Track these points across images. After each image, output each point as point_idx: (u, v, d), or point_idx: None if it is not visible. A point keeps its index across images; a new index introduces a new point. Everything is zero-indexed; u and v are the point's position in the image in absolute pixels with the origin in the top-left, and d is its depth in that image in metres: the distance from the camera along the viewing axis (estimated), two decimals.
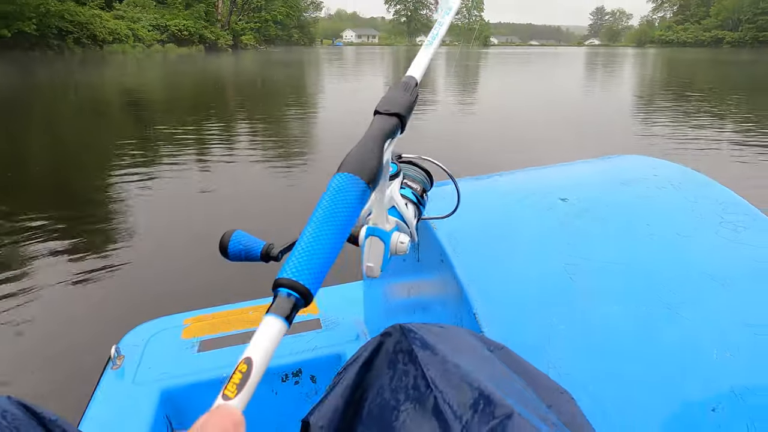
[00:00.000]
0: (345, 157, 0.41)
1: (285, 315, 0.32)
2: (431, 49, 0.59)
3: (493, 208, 0.93)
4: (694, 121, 8.20)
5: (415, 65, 0.56)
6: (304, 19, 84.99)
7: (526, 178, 1.06)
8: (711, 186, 0.98)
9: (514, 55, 46.75)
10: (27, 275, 2.81)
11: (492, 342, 0.54)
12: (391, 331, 0.50)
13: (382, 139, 0.44)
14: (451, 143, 6.63)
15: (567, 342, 0.68)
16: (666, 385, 0.65)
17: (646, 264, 0.79)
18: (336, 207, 0.37)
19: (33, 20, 28.25)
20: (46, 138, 7.20)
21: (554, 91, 14.71)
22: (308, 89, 15.11)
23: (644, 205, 0.92)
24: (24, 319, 2.38)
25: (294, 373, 1.24)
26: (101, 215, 3.96)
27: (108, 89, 13.91)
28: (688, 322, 0.71)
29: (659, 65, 29.61)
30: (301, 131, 7.88)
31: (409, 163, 0.61)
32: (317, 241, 0.35)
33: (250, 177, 5.05)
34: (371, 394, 0.47)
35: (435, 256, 0.84)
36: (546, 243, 0.83)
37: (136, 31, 37.08)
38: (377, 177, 0.41)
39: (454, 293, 0.77)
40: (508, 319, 0.71)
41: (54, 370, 1.99)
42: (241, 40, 51.78)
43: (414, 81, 0.52)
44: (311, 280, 0.34)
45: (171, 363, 1.23)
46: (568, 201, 0.91)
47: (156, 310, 1.51)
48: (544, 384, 0.49)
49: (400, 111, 0.47)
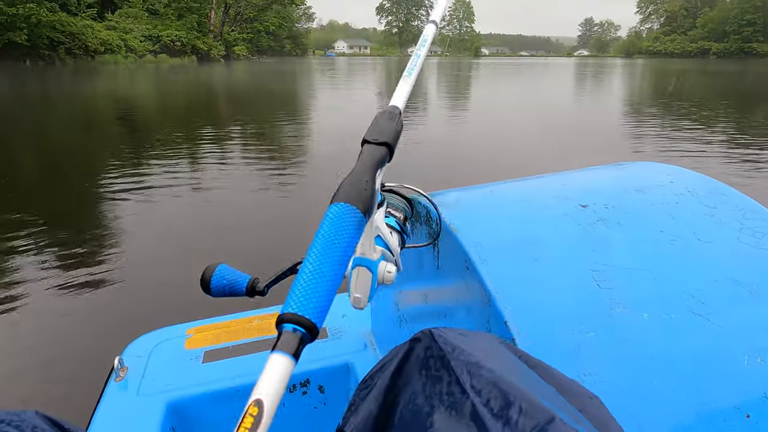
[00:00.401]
0: (339, 186, 0.41)
1: (292, 352, 0.32)
2: (411, 80, 0.61)
3: (514, 215, 0.93)
4: (688, 132, 8.30)
5: (397, 95, 0.57)
6: (296, 30, 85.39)
7: (540, 185, 1.06)
8: (728, 192, 0.98)
9: (505, 66, 47.20)
10: (15, 284, 2.77)
11: (516, 348, 0.54)
12: (420, 337, 0.50)
13: (374, 168, 0.44)
14: (452, 151, 6.66)
15: (598, 350, 0.68)
16: (698, 392, 0.65)
17: (671, 270, 0.79)
18: (335, 237, 0.37)
19: (24, 30, 28.15)
20: (36, 148, 7.15)
21: (548, 100, 14.84)
22: (302, 100, 15.14)
23: (663, 211, 0.92)
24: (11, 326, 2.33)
25: (302, 384, 1.22)
26: (91, 226, 3.93)
27: (100, 100, 13.85)
28: (717, 329, 0.70)
29: (649, 75, 30.02)
30: (296, 141, 7.88)
31: (391, 192, 0.61)
32: (319, 274, 0.35)
33: (244, 187, 5.03)
34: (403, 400, 0.47)
35: (459, 263, 0.83)
36: (571, 250, 0.82)
37: (129, 41, 37.03)
38: (372, 206, 0.41)
39: (481, 300, 0.76)
40: (539, 327, 0.70)
41: (47, 390, 1.95)
42: (234, 51, 51.85)
43: (398, 110, 0.53)
44: (316, 314, 0.34)
45: (176, 374, 1.21)
46: (588, 208, 0.91)
47: (151, 323, 1.48)
48: (574, 390, 0.49)
49: (388, 140, 0.48)
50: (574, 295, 0.75)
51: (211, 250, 3.34)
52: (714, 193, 0.98)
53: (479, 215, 0.92)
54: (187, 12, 44.66)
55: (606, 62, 63.80)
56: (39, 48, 29.86)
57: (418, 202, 0.97)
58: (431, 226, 0.94)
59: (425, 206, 0.95)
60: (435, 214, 0.91)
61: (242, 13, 55.02)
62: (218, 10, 50.06)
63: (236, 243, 3.45)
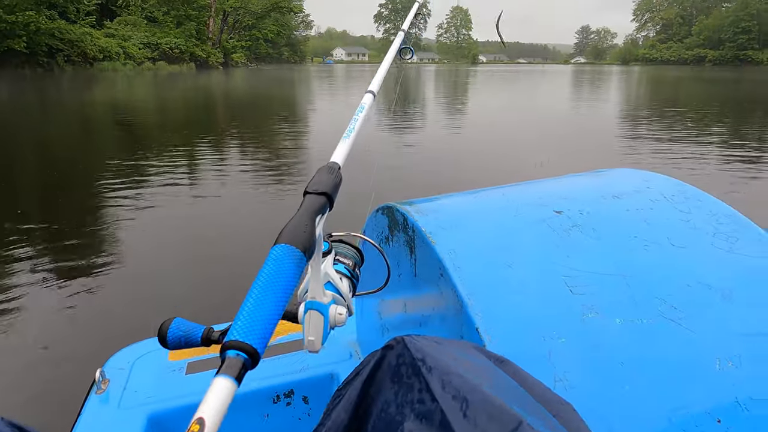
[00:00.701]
0: (281, 231, 0.45)
1: (235, 375, 0.33)
2: (349, 140, 0.66)
3: (489, 221, 0.94)
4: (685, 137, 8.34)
5: (337, 153, 0.62)
6: (294, 37, 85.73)
7: (518, 192, 1.06)
8: (703, 198, 0.99)
9: (503, 73, 47.45)
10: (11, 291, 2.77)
11: (494, 355, 0.54)
12: (392, 344, 0.51)
13: (314, 215, 0.48)
14: (445, 157, 6.70)
15: (569, 355, 0.68)
16: (670, 397, 0.64)
17: (644, 275, 0.79)
18: (277, 273, 0.40)
19: (23, 38, 28.22)
20: (35, 154, 7.16)
21: (546, 108, 14.90)
22: (302, 106, 15.19)
23: (638, 217, 0.92)
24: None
25: (285, 394, 1.21)
26: (89, 233, 3.93)
27: (99, 106, 13.87)
28: (689, 333, 0.71)
29: (646, 82, 30.18)
30: (295, 147, 7.89)
31: (340, 242, 0.65)
32: (261, 305, 0.38)
33: (239, 193, 5.04)
34: (375, 410, 0.47)
35: (434, 271, 0.84)
36: (544, 255, 0.82)
37: (127, 48, 37.11)
38: (311, 248, 0.45)
39: (455, 307, 0.77)
40: (510, 333, 0.71)
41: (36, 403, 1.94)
42: (232, 58, 52.00)
43: (337, 165, 0.58)
44: (258, 341, 0.36)
45: (158, 386, 1.19)
46: (562, 214, 0.92)
47: (142, 332, 1.45)
48: (547, 397, 0.49)
49: (328, 190, 0.52)
50: (546, 300, 0.75)
51: (210, 257, 3.34)
52: (690, 199, 0.98)
53: (456, 223, 0.92)
54: (185, 20, 44.83)
55: (603, 69, 64.14)
56: (38, 55, 29.90)
57: (396, 210, 0.99)
58: (408, 233, 0.94)
59: (402, 213, 0.96)
60: (411, 220, 0.92)
61: (241, 20, 55.23)
62: (217, 17, 50.26)
63: (233, 251, 3.46)
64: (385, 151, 7.07)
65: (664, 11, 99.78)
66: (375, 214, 1.13)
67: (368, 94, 0.81)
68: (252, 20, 56.57)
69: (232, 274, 2.92)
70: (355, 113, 0.73)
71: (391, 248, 1.04)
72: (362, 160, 0.81)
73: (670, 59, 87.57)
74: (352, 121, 0.70)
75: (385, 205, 1.07)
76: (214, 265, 3.17)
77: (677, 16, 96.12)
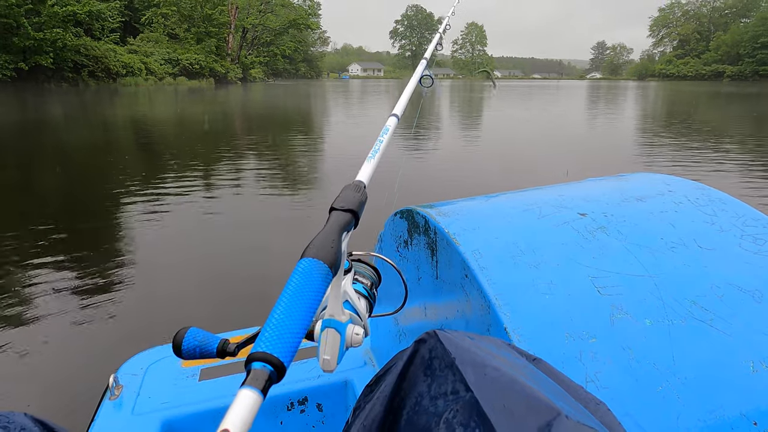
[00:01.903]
0: (307, 245, 0.45)
1: (261, 387, 0.33)
2: (374, 160, 0.68)
3: (512, 223, 0.92)
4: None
5: (362, 172, 0.64)
6: (311, 53, 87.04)
7: (539, 195, 1.05)
8: (728, 200, 0.98)
9: (517, 88, 47.51)
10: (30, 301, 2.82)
11: (526, 353, 0.53)
12: (425, 338, 0.50)
13: (340, 231, 0.48)
14: (464, 165, 6.79)
15: (600, 355, 0.67)
16: (704, 400, 0.63)
17: (672, 277, 0.78)
18: (304, 287, 0.40)
19: (50, 54, 29.21)
20: (61, 165, 7.41)
21: (563, 123, 14.94)
22: (322, 120, 15.42)
23: (663, 219, 0.91)
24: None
25: (300, 401, 1.20)
26: (109, 241, 4.04)
27: (123, 120, 14.23)
28: (721, 335, 0.70)
29: (669, 98, 29.96)
30: (315, 160, 8.00)
31: (359, 261, 0.66)
32: (288, 317, 0.38)
33: (263, 207, 5.14)
34: (409, 403, 0.47)
35: (458, 272, 0.83)
36: (570, 257, 0.82)
37: (149, 64, 38.10)
38: (337, 263, 0.45)
39: (481, 308, 0.76)
40: (539, 332, 0.70)
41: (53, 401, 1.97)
42: (250, 74, 53.01)
43: (363, 184, 0.59)
44: (284, 354, 0.36)
45: (171, 392, 1.18)
46: (587, 216, 0.91)
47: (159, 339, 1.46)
48: (582, 395, 0.48)
49: (354, 207, 0.53)
50: (575, 301, 0.74)
51: (231, 273, 3.39)
52: (714, 201, 0.97)
53: (478, 224, 0.91)
54: (206, 36, 45.92)
55: (619, 84, 63.82)
56: (63, 71, 30.89)
57: (416, 213, 0.99)
58: (429, 235, 0.94)
59: (423, 216, 0.96)
60: (433, 222, 0.92)
61: (259, 37, 56.35)
62: (236, 34, 51.35)
63: (257, 265, 3.54)
64: (406, 163, 7.19)
65: (681, 27, 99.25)
66: (393, 218, 1.12)
67: (392, 117, 0.83)
68: (270, 37, 57.67)
69: (252, 283, 3.02)
70: (380, 134, 0.76)
71: (411, 252, 1.04)
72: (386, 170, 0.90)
73: (687, 74, 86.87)
74: (377, 143, 0.73)
75: (405, 209, 1.06)
76: (242, 278, 3.28)
77: (694, 31, 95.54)
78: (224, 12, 48.16)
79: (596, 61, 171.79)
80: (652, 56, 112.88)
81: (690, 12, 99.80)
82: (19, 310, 2.67)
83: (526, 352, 0.53)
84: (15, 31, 27.60)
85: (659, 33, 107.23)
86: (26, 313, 2.65)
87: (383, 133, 0.76)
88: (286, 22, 55.18)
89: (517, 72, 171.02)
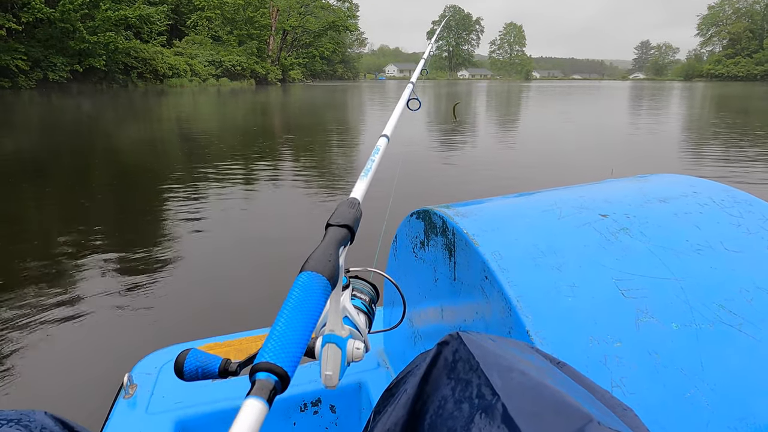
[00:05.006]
0: (307, 259, 0.46)
1: (266, 397, 0.34)
2: (368, 179, 0.69)
3: (532, 224, 0.90)
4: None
5: (356, 190, 0.66)
6: (348, 54, 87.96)
7: (559, 195, 1.03)
8: (754, 202, 0.95)
9: (555, 89, 46.55)
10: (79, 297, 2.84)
11: (551, 356, 0.52)
12: (448, 340, 0.50)
13: (337, 246, 0.50)
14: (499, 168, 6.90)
15: (625, 359, 0.65)
16: (735, 406, 0.62)
17: (699, 280, 0.76)
18: (305, 299, 0.41)
19: (103, 57, 30.78)
20: (112, 162, 7.85)
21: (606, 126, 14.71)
22: (364, 120, 15.62)
23: (688, 221, 0.89)
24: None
25: (313, 403, 1.21)
26: (148, 244, 4.13)
27: (169, 120, 14.78)
28: (751, 340, 0.68)
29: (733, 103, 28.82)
30: (355, 163, 8.17)
31: (356, 277, 0.68)
32: (291, 328, 0.38)
33: (306, 210, 5.30)
34: (432, 406, 0.46)
35: (477, 274, 0.82)
36: (593, 258, 0.80)
37: (194, 66, 39.56)
38: (335, 276, 0.46)
39: (501, 310, 0.75)
40: (563, 336, 0.68)
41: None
42: (290, 75, 54.14)
43: (357, 201, 0.61)
44: (288, 363, 0.36)
45: (185, 392, 1.19)
46: (608, 217, 0.89)
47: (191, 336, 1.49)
48: (609, 400, 0.47)
49: (349, 223, 0.54)
50: (598, 304, 0.72)
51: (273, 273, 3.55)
52: (740, 203, 0.95)
53: (497, 225, 0.90)
54: (247, 38, 47.31)
55: (664, 85, 61.53)
56: (114, 72, 32.51)
57: (434, 213, 0.99)
58: (447, 236, 0.93)
59: (441, 216, 0.96)
60: (451, 223, 0.91)
61: (299, 39, 57.47)
62: (277, 36, 52.56)
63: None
64: (433, 163, 7.30)
65: (732, 25, 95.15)
66: (409, 219, 1.11)
67: (383, 138, 0.85)
68: (309, 39, 58.71)
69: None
70: (372, 155, 0.76)
71: (428, 253, 1.03)
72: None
73: (738, 75, 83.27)
74: (369, 162, 0.74)
75: (421, 210, 1.05)
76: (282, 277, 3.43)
77: (746, 30, 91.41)
78: (266, 14, 49.46)
79: (639, 61, 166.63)
80: (700, 56, 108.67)
81: (742, 9, 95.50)
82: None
83: (551, 355, 0.52)
84: (71, 35, 29.24)
85: (708, 32, 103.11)
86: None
87: (374, 153, 0.78)
88: (326, 24, 56.10)
89: (557, 72, 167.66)
